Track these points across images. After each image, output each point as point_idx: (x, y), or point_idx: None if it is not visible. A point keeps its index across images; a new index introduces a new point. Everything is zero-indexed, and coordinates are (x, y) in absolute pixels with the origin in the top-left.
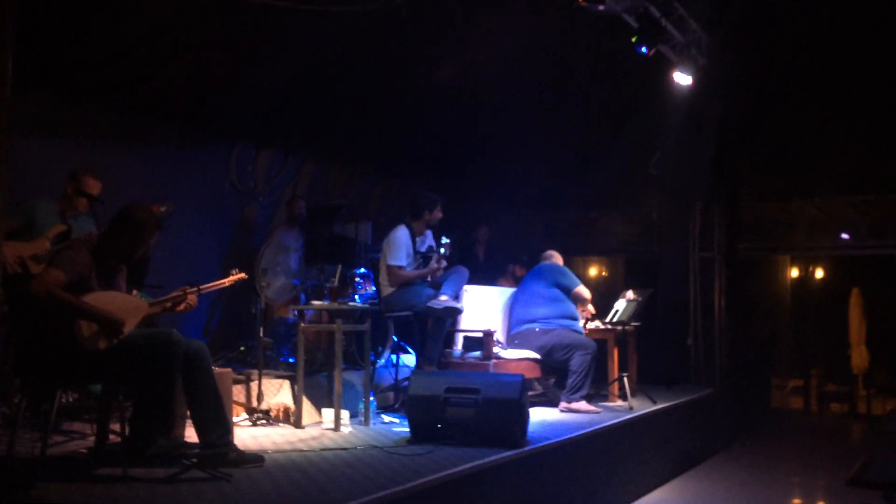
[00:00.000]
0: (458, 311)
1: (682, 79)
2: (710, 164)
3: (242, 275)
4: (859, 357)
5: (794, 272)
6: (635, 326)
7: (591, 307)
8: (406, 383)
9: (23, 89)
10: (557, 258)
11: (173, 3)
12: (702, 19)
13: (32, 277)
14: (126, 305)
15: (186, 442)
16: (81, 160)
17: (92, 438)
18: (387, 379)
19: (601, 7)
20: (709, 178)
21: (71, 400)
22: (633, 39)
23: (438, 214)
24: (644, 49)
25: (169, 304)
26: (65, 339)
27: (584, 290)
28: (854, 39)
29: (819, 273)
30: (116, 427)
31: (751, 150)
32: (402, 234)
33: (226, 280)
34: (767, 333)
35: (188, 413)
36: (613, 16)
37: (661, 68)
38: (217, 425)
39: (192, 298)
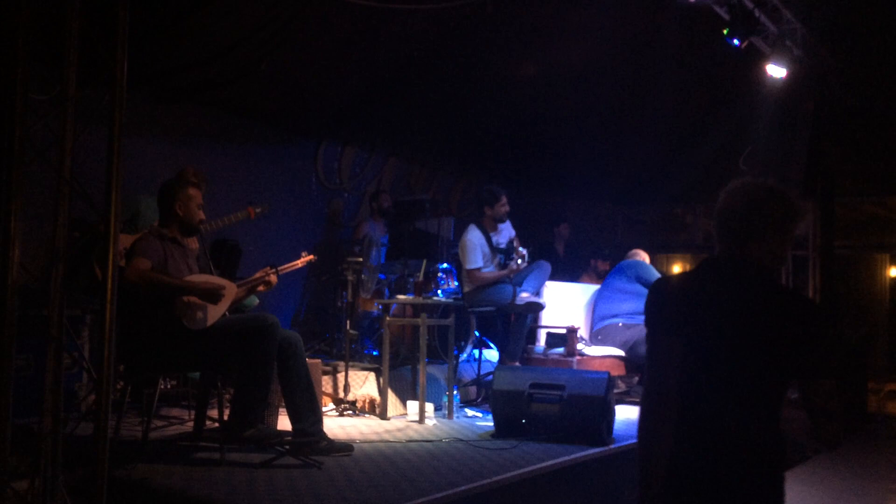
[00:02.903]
0: (541, 307)
1: (776, 71)
2: (804, 158)
3: (312, 256)
4: None
5: (893, 271)
6: None
7: None
8: (488, 378)
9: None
10: (642, 255)
11: (262, 7)
12: (797, 10)
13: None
14: (218, 282)
15: (281, 430)
16: (178, 158)
17: (190, 424)
18: (469, 373)
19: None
20: (802, 173)
21: (169, 387)
22: (725, 32)
23: (502, 209)
24: (736, 41)
25: (250, 286)
26: (168, 322)
27: None
28: None
29: None
30: (214, 413)
31: (848, 144)
32: (472, 235)
33: (298, 262)
34: (863, 335)
35: (281, 402)
36: (704, 8)
37: (752, 60)
38: (309, 413)
39: (273, 278)
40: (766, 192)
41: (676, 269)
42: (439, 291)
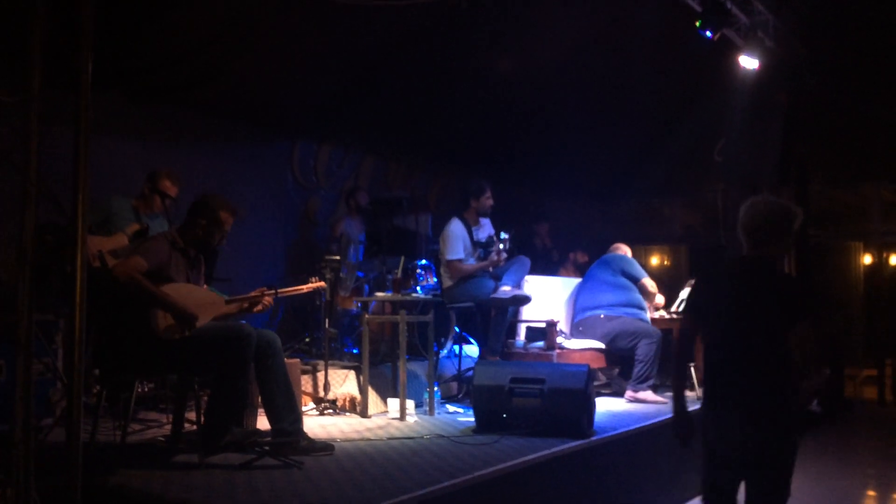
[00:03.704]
0: (527, 300)
1: (748, 62)
2: (777, 149)
3: (322, 283)
4: None
5: (868, 259)
6: None
7: (659, 299)
8: (469, 374)
9: (94, 90)
10: (624, 249)
11: (234, 5)
12: (769, 1)
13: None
14: (203, 300)
15: (259, 430)
16: (151, 159)
17: (168, 427)
18: (449, 369)
19: None
20: (776, 163)
21: (147, 390)
22: (698, 24)
23: (487, 202)
24: (709, 33)
25: (246, 305)
26: (142, 327)
27: (650, 283)
28: None
29: (894, 259)
30: (192, 416)
31: (820, 133)
32: (455, 227)
33: (304, 287)
34: (840, 322)
35: (259, 402)
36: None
37: (725, 52)
38: (288, 413)
39: (268, 300)
40: (777, 207)
41: (654, 261)
42: (418, 288)
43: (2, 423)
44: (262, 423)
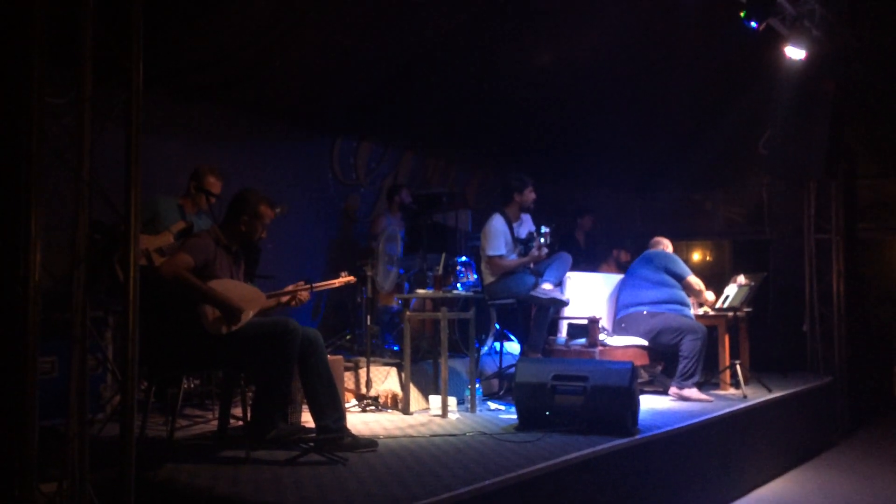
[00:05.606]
0: (563, 304)
1: (795, 53)
2: (825, 141)
3: (352, 278)
4: None
5: None
6: (747, 312)
7: (708, 295)
8: (510, 370)
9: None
10: (665, 243)
11: (274, 3)
12: None
13: (158, 266)
14: (246, 295)
15: (304, 426)
16: (194, 157)
17: (214, 423)
18: (490, 366)
19: None
20: (824, 155)
21: (192, 386)
22: (742, 14)
23: (530, 196)
24: (754, 24)
25: (285, 299)
26: (190, 322)
27: (695, 281)
28: None
29: None
30: (237, 412)
31: (869, 124)
32: (497, 222)
33: (335, 281)
34: (888, 318)
35: (304, 398)
36: None
37: (770, 42)
38: (332, 410)
39: (304, 295)
40: None
41: (696, 256)
42: (458, 285)
43: (55, 417)
44: (307, 419)
